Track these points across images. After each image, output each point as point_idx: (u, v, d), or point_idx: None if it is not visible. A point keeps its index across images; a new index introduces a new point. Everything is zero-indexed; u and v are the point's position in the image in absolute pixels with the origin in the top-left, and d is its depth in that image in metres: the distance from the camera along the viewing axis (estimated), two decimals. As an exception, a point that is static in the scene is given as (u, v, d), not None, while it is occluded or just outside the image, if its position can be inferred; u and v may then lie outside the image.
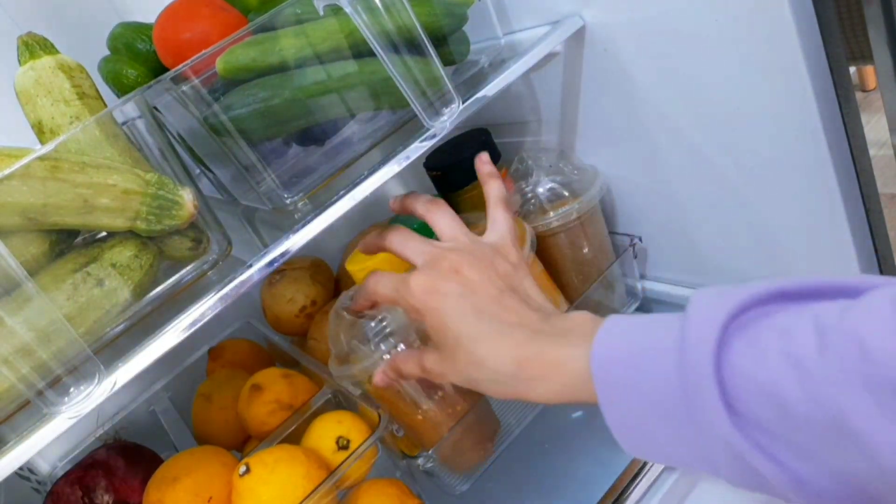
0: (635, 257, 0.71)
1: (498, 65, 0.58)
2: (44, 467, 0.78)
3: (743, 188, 0.57)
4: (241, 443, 0.70)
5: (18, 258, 0.38)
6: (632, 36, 0.55)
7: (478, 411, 0.62)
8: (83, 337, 0.40)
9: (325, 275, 0.81)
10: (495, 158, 0.75)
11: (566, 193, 0.66)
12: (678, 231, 0.68)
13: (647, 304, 0.78)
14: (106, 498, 0.60)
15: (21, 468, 0.69)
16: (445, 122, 0.51)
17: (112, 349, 0.45)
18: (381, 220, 0.87)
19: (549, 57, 0.61)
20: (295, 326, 0.77)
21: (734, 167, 0.56)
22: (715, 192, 0.60)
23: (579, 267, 0.69)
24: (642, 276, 0.76)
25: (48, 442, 0.41)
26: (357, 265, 0.66)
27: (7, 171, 0.39)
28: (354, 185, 0.50)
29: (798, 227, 0.56)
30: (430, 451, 0.59)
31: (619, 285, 0.72)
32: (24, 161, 0.40)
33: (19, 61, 0.51)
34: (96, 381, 0.40)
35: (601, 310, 0.72)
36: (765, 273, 0.62)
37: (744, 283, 0.32)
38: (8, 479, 0.42)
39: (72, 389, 0.39)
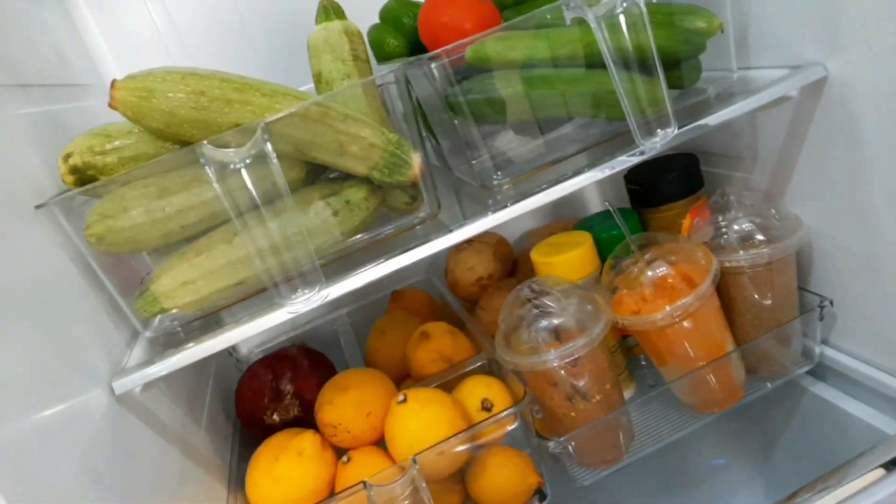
0: (821, 319, 0.68)
1: (725, 97, 0.58)
2: (243, 350, 0.94)
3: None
4: (401, 379, 0.78)
5: (282, 179, 0.48)
6: (875, 96, 0.53)
7: (616, 419, 0.64)
8: (314, 251, 0.49)
9: (506, 253, 0.87)
10: (697, 185, 0.75)
11: (762, 237, 0.65)
12: (877, 306, 0.63)
13: (821, 371, 0.74)
14: (289, 387, 0.71)
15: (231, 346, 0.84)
16: (657, 143, 0.53)
17: (324, 271, 0.53)
18: (567, 217, 0.91)
19: (781, 100, 0.60)
20: (469, 293, 0.85)
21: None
22: (930, 274, 0.56)
23: (757, 312, 0.68)
24: (824, 342, 0.72)
25: (269, 327, 0.50)
26: (542, 257, 0.71)
27: (293, 109, 0.49)
28: (557, 181, 0.54)
29: None
30: (561, 439, 0.63)
31: (795, 343, 0.70)
32: (306, 104, 0.50)
33: (316, 20, 0.61)
34: (316, 289, 0.49)
35: (769, 362, 0.70)
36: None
37: None
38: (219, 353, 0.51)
39: (298, 290, 0.49)
